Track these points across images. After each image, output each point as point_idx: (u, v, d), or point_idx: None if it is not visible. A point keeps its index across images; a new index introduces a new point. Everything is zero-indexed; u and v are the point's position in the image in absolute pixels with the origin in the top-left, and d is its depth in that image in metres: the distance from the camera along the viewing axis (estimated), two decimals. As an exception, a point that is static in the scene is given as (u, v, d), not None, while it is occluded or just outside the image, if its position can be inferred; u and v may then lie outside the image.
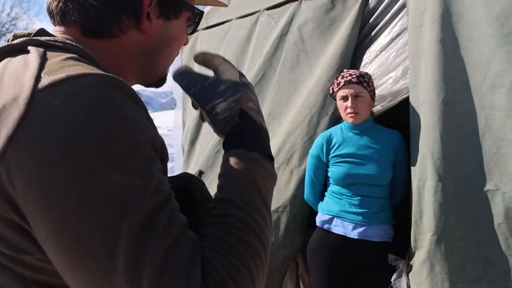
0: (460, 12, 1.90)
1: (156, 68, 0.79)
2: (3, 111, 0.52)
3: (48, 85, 0.52)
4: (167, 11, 0.74)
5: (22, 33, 0.67)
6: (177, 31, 0.78)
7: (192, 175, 0.85)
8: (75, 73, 0.53)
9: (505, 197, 1.73)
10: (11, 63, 0.59)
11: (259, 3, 3.11)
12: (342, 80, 2.13)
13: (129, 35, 0.71)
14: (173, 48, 0.79)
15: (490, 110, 1.79)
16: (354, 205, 2.13)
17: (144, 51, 0.75)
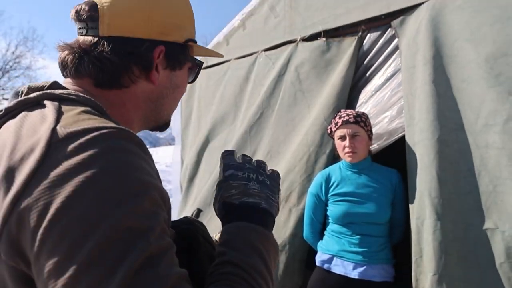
0: (451, 54, 1.97)
1: (160, 114, 0.84)
2: (21, 162, 0.55)
3: (64, 136, 0.56)
4: (173, 63, 0.80)
5: (36, 86, 0.71)
6: (180, 80, 0.85)
7: (194, 219, 0.87)
8: (89, 126, 0.57)
9: (505, 235, 1.73)
10: (28, 117, 0.62)
11: (257, 44, 3.21)
12: (339, 120, 2.18)
13: (138, 85, 0.77)
14: (177, 95, 0.86)
15: (485, 149, 1.82)
16: (354, 244, 2.12)
17: (150, 99, 0.80)
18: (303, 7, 2.80)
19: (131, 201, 0.54)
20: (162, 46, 0.77)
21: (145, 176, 0.57)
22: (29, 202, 0.53)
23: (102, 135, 0.57)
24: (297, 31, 2.85)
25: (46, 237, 0.51)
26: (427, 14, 2.06)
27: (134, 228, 0.53)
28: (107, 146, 0.56)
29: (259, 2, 3.15)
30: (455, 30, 1.96)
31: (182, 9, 0.82)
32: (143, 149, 0.61)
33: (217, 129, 3.52)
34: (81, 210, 0.52)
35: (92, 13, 0.74)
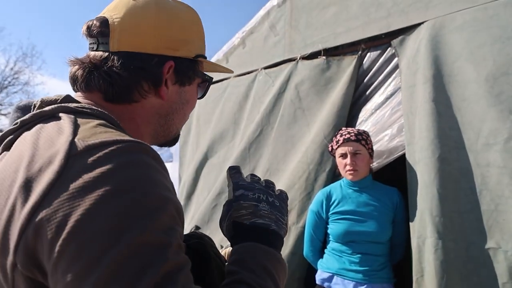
0: (451, 74, 1.99)
1: (170, 129, 0.84)
2: (39, 173, 0.56)
3: (82, 149, 0.56)
4: (182, 78, 0.81)
5: (49, 99, 0.72)
6: (190, 96, 0.85)
7: (202, 234, 0.86)
8: (107, 139, 0.58)
9: (507, 255, 1.72)
10: (44, 129, 0.63)
11: (257, 62, 3.23)
12: (340, 138, 2.18)
13: (148, 100, 0.77)
14: (186, 111, 0.86)
15: (486, 167, 1.82)
16: (354, 263, 2.09)
17: (160, 114, 0.80)
18: (303, 25, 2.83)
19: (150, 216, 0.54)
20: (171, 61, 0.78)
21: (163, 191, 0.58)
22: (48, 213, 0.53)
23: (120, 149, 0.57)
24: (297, 50, 2.87)
25: (65, 249, 0.51)
26: (427, 34, 2.09)
27: (153, 243, 0.53)
28: (126, 160, 0.56)
29: (259, 21, 3.19)
30: (455, 50, 1.98)
31: (191, 25, 0.83)
32: (159, 163, 0.61)
33: (216, 146, 3.52)
34: (101, 224, 0.52)
35: (103, 29, 0.75)
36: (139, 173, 0.56)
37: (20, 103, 1.98)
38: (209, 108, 3.72)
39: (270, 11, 3.10)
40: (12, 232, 0.55)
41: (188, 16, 0.83)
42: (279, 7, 3.03)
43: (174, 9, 0.81)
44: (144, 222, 0.53)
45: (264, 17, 3.16)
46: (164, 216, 0.56)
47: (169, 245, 0.55)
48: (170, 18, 0.79)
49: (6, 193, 0.58)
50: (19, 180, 0.57)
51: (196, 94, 0.88)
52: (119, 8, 0.77)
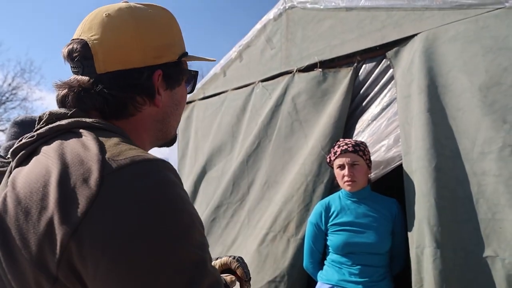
0: (445, 84, 2.01)
1: (168, 131, 0.87)
2: (74, 190, 0.57)
3: (115, 169, 0.58)
4: (172, 82, 0.82)
5: (59, 113, 0.72)
6: (180, 96, 0.87)
7: None
8: (136, 158, 0.60)
9: (505, 263, 1.72)
10: (67, 145, 0.64)
11: (253, 75, 3.26)
12: (338, 149, 2.19)
13: (144, 111, 0.78)
14: (180, 110, 0.89)
15: (482, 176, 1.83)
16: (354, 274, 2.09)
17: (157, 120, 0.82)
18: (299, 38, 2.87)
19: (187, 234, 0.58)
20: (159, 70, 0.78)
21: (191, 208, 0.61)
22: (91, 231, 0.54)
23: (149, 168, 0.60)
24: (293, 62, 2.91)
25: (110, 269, 0.54)
26: (421, 45, 2.12)
27: (193, 260, 0.57)
28: (157, 179, 0.59)
29: (256, 34, 3.23)
30: (449, 60, 2.01)
31: (169, 27, 0.82)
32: (179, 178, 0.64)
33: (214, 159, 3.53)
34: (143, 245, 0.54)
35: (84, 53, 0.73)
36: (170, 192, 0.59)
37: (17, 118, 2.01)
38: (207, 122, 3.74)
39: (266, 24, 3.15)
40: (52, 247, 0.56)
41: (164, 19, 0.82)
42: (275, 20, 3.07)
43: (150, 16, 0.79)
44: (184, 241, 0.57)
45: (261, 30, 3.20)
46: (196, 233, 0.59)
47: (205, 260, 0.59)
48: (149, 26, 0.78)
49: (37, 206, 0.58)
50: (52, 195, 0.58)
51: (186, 91, 0.90)
52: (94, 27, 0.75)
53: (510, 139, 1.76)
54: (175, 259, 0.55)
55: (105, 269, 0.54)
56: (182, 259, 0.56)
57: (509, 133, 1.77)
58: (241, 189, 3.08)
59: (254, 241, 2.73)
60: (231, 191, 3.13)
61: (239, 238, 2.93)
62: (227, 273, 1.11)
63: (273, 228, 2.62)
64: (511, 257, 1.71)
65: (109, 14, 0.75)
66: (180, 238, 0.57)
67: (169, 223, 0.56)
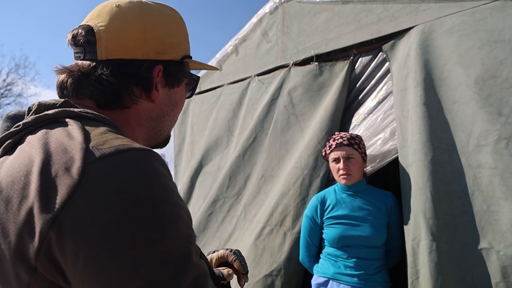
0: (441, 77, 2.01)
1: (162, 131, 0.86)
2: (55, 179, 0.56)
3: (98, 157, 0.57)
4: (171, 81, 0.82)
5: (48, 103, 0.71)
6: (179, 97, 0.87)
7: None
8: (121, 147, 0.58)
9: (500, 255, 1.72)
10: (52, 134, 0.63)
11: (250, 69, 3.25)
12: (333, 142, 2.19)
13: (139, 105, 0.78)
14: (176, 112, 0.87)
15: (478, 169, 1.83)
16: (349, 267, 2.09)
17: (151, 117, 0.81)
18: (295, 32, 2.86)
19: (172, 225, 0.56)
20: (160, 65, 0.78)
21: (177, 199, 0.60)
22: (71, 221, 0.53)
23: (134, 157, 0.58)
24: (289, 56, 2.90)
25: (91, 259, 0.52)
26: (417, 38, 2.12)
27: (179, 251, 0.56)
28: (142, 168, 0.57)
29: (252, 28, 3.22)
30: (445, 53, 2.01)
31: (176, 27, 0.83)
32: (167, 169, 0.63)
33: (210, 154, 3.52)
34: (126, 235, 0.53)
35: (89, 38, 0.74)
36: (155, 182, 0.57)
37: (10, 113, 2.00)
38: (203, 116, 3.73)
39: (262, 18, 3.13)
40: (31, 236, 0.55)
41: (173, 18, 0.84)
42: (271, 14, 3.06)
43: (159, 13, 0.81)
44: (168, 232, 0.55)
45: (257, 24, 3.18)
46: (182, 224, 0.58)
47: (190, 252, 0.58)
48: (157, 22, 0.79)
49: (18, 196, 0.57)
50: (33, 184, 0.56)
51: (185, 94, 0.89)
52: (103, 15, 0.76)
53: (505, 132, 1.76)
54: (158, 250, 0.54)
55: (84, 259, 0.52)
56: (166, 250, 0.54)
57: (504, 126, 1.77)
58: (238, 184, 3.08)
59: (250, 235, 2.73)
60: (227, 186, 3.12)
61: (235, 232, 2.93)
62: (224, 266, 1.10)
63: (269, 222, 2.62)
64: (505, 249, 1.72)
65: (119, 4, 0.77)
66: (164, 229, 0.55)
67: (152, 214, 0.55)
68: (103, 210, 0.53)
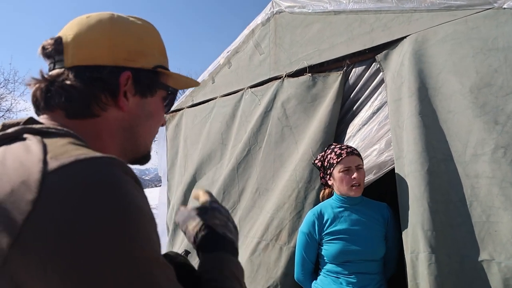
0: (436, 86, 1.99)
1: (136, 144, 0.83)
2: (12, 195, 0.53)
3: (57, 168, 0.55)
4: (142, 89, 0.80)
5: (12, 122, 0.70)
6: (154, 108, 0.84)
7: (175, 253, 0.87)
8: (81, 156, 0.57)
9: (501, 267, 1.68)
10: (10, 150, 0.61)
11: (242, 81, 3.23)
12: (343, 151, 2.12)
13: (109, 113, 0.76)
14: (152, 124, 0.85)
15: (475, 179, 1.80)
16: (351, 283, 2.02)
17: (124, 128, 0.79)
18: (287, 43, 2.84)
19: (133, 233, 0.55)
20: (128, 71, 0.77)
21: (141, 206, 0.58)
22: (33, 237, 0.51)
23: (95, 166, 0.56)
24: (282, 67, 2.88)
25: (60, 273, 0.50)
26: (410, 48, 2.10)
27: (146, 258, 0.55)
28: (102, 177, 0.56)
29: (244, 40, 3.20)
30: (439, 62, 1.99)
31: (147, 37, 0.83)
32: (132, 176, 0.61)
33: (204, 167, 3.47)
34: (90, 247, 0.51)
35: (57, 47, 0.75)
36: (117, 190, 0.55)
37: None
38: (196, 129, 3.69)
39: (254, 29, 3.12)
40: None
41: (145, 28, 0.83)
42: (263, 25, 3.04)
43: (129, 22, 0.81)
44: (132, 239, 0.54)
45: (249, 35, 3.17)
46: (148, 229, 0.57)
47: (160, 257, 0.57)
48: (125, 30, 0.79)
49: None
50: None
51: (162, 107, 0.87)
52: (73, 26, 0.77)
53: (502, 141, 1.74)
54: (124, 259, 0.52)
55: (52, 274, 0.50)
56: (133, 258, 0.53)
57: (501, 135, 1.75)
58: (232, 198, 3.03)
59: (246, 251, 2.67)
60: (221, 200, 3.07)
61: (230, 247, 2.87)
62: None
63: (265, 236, 2.57)
64: (507, 260, 1.68)
65: (90, 15, 0.79)
66: (128, 236, 0.53)
67: (114, 223, 0.53)
68: (66, 222, 0.51)
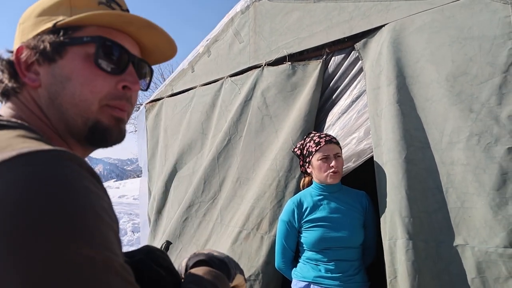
0: (413, 75, 2.01)
1: (68, 118, 0.73)
2: None
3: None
4: (43, 54, 0.71)
5: None
6: (69, 70, 0.72)
7: (153, 247, 0.81)
8: (24, 150, 0.51)
9: (474, 251, 1.73)
10: None
11: (222, 70, 3.20)
12: (321, 140, 2.14)
13: (24, 95, 0.73)
14: (73, 87, 0.72)
15: (451, 166, 1.84)
16: (330, 270, 2.06)
17: (43, 104, 0.72)
18: (267, 31, 2.82)
19: (85, 233, 0.49)
20: (20, 46, 0.72)
21: (93, 201, 0.52)
22: None
23: (39, 160, 0.51)
24: (262, 56, 2.86)
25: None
26: (388, 36, 2.11)
27: (94, 261, 0.49)
28: (47, 172, 0.50)
29: (223, 28, 3.17)
30: (416, 51, 2.01)
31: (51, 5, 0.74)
32: (87, 169, 0.56)
33: (184, 157, 3.45)
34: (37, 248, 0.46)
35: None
36: (66, 186, 0.50)
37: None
38: (176, 119, 3.65)
39: (234, 17, 3.08)
40: None
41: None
42: (243, 13, 3.01)
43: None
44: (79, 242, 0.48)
45: (228, 24, 3.13)
46: (100, 229, 0.51)
47: (114, 260, 0.51)
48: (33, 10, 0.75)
49: None
50: None
51: (83, 63, 0.72)
52: None
53: (476, 128, 1.77)
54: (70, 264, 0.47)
55: None
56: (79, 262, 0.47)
57: (475, 122, 1.78)
58: (213, 187, 3.02)
59: (227, 240, 2.67)
60: (202, 190, 3.06)
61: (212, 237, 2.87)
62: None
63: (246, 226, 2.57)
64: (480, 244, 1.72)
65: None
66: (78, 238, 0.48)
67: (61, 221, 0.47)
68: (7, 225, 0.45)
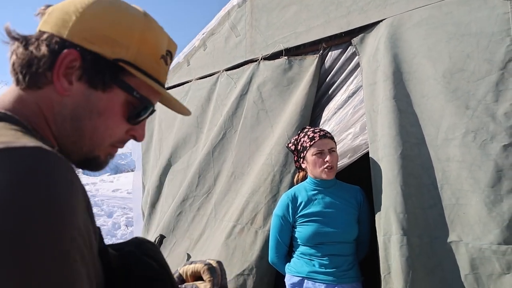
0: (410, 71, 2.00)
1: (77, 142, 0.71)
2: None
3: None
4: (91, 76, 0.69)
5: None
6: (104, 106, 0.71)
7: (143, 239, 0.79)
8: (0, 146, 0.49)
9: (468, 247, 1.73)
10: None
11: (218, 64, 3.18)
12: (315, 135, 2.13)
13: (48, 90, 0.69)
14: (99, 125, 0.71)
15: (446, 162, 1.84)
16: (324, 265, 2.06)
17: (65, 115, 0.70)
18: (264, 25, 2.81)
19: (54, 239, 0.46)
20: (75, 50, 0.67)
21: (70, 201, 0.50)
22: None
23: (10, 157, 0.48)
24: (258, 50, 2.84)
25: None
26: (386, 32, 2.10)
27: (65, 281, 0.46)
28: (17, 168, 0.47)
29: (220, 21, 3.14)
30: (413, 47, 2.00)
31: (127, 29, 0.72)
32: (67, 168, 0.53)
33: (179, 151, 3.43)
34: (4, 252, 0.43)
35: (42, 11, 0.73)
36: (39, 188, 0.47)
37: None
38: (171, 113, 3.63)
39: (230, 11, 3.06)
40: None
41: (132, 20, 0.73)
42: (239, 7, 2.99)
43: (117, 7, 0.73)
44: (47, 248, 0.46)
45: (225, 17, 3.11)
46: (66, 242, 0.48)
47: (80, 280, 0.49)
48: (104, 12, 0.70)
49: None
50: None
51: (120, 111, 0.73)
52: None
53: (472, 125, 1.77)
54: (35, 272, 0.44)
55: None
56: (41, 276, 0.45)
57: (471, 119, 1.78)
58: (207, 182, 3.00)
59: (221, 234, 2.67)
60: (197, 184, 3.05)
61: (206, 232, 2.86)
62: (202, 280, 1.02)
63: (240, 220, 2.57)
64: (474, 241, 1.72)
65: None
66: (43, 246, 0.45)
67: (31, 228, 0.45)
68: None
